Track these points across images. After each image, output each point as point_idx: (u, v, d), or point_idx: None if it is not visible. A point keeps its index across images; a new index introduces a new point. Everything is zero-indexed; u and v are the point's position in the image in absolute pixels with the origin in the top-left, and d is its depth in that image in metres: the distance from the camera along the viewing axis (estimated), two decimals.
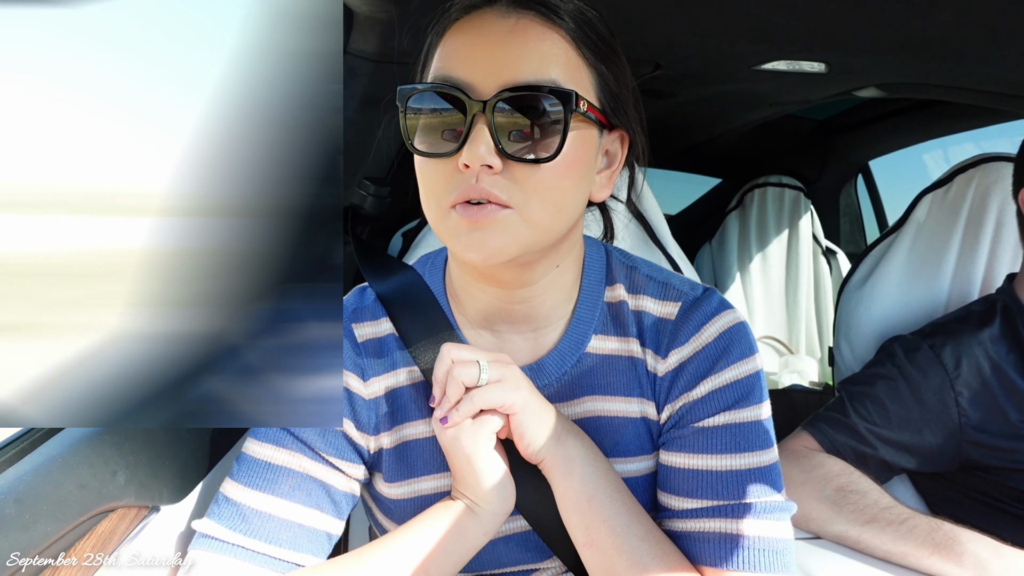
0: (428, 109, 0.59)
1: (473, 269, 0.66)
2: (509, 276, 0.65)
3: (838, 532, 0.95)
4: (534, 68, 0.57)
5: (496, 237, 0.57)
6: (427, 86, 0.59)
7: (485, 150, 0.56)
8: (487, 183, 0.57)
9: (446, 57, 0.60)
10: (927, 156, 2.54)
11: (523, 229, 0.58)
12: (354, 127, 1.06)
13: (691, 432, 0.67)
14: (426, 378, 0.69)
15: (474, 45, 0.58)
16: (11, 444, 0.68)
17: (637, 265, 0.75)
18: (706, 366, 0.67)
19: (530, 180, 0.58)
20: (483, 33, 0.58)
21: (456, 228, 0.58)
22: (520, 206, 0.58)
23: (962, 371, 1.02)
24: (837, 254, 2.53)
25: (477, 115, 0.56)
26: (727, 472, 0.65)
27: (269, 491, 0.65)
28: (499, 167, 0.57)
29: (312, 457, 0.67)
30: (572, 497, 0.65)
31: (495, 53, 0.57)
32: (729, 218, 2.57)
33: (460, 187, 0.57)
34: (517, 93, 0.56)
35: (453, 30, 0.61)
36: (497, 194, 0.57)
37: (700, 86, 1.48)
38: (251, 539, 0.64)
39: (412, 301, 0.72)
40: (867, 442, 1.04)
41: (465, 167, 0.57)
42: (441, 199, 0.59)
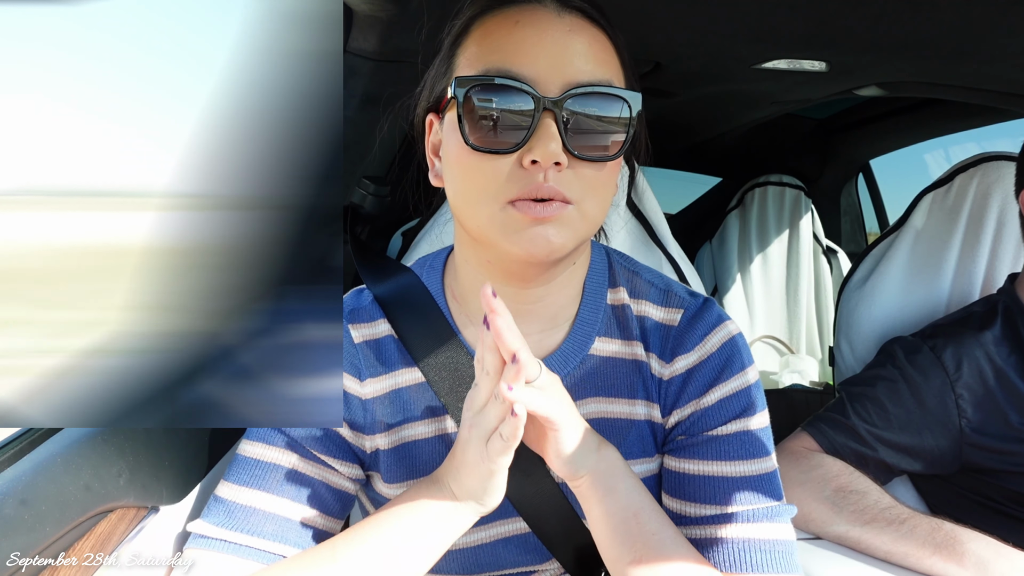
0: (489, 102, 0.57)
1: (500, 267, 0.64)
2: (539, 272, 0.64)
3: (838, 533, 0.94)
4: (593, 68, 0.58)
5: (559, 233, 0.58)
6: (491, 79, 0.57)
7: (556, 147, 0.56)
8: (554, 180, 0.57)
9: (501, 50, 0.58)
10: (928, 155, 2.54)
11: (581, 225, 0.59)
12: (354, 126, 1.06)
13: (704, 440, 0.68)
14: (427, 378, 0.69)
15: (536, 41, 0.58)
16: (11, 444, 0.68)
17: (638, 271, 0.75)
18: (714, 375, 0.68)
19: (592, 177, 0.59)
20: (544, 30, 0.58)
21: (515, 224, 0.58)
22: (579, 202, 0.58)
23: (963, 373, 1.02)
24: (838, 253, 2.53)
25: (546, 111, 0.56)
26: (741, 478, 0.66)
27: (257, 487, 0.65)
28: (566, 164, 0.57)
29: (303, 454, 0.67)
30: (618, 514, 0.62)
31: (557, 51, 0.58)
32: (729, 217, 2.57)
33: (521, 183, 0.57)
34: (586, 91, 0.57)
35: (498, 21, 0.60)
36: (563, 191, 0.57)
37: (700, 85, 1.48)
38: (238, 533, 0.64)
39: (411, 303, 0.72)
40: (867, 444, 1.03)
41: (532, 163, 0.56)
42: (498, 195, 0.58)
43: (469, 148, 0.58)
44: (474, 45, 0.60)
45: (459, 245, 0.70)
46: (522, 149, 0.57)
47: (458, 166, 0.60)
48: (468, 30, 0.62)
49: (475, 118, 0.57)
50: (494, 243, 0.60)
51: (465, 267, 0.70)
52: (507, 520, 0.70)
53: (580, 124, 0.57)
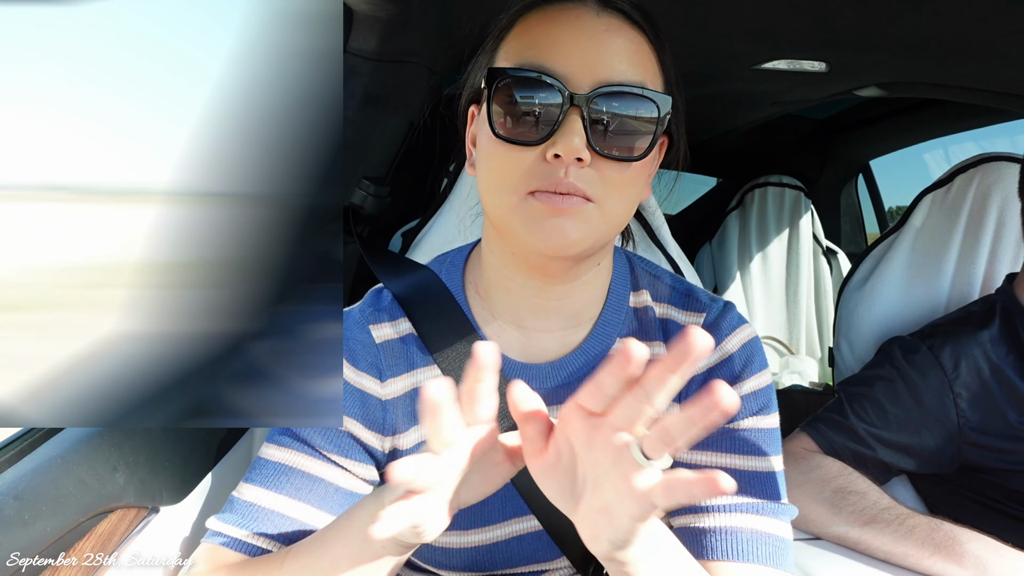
0: (518, 94, 0.58)
1: (523, 260, 0.65)
2: (562, 269, 0.65)
3: (838, 533, 0.95)
4: (626, 69, 0.58)
5: (576, 228, 0.58)
6: (521, 72, 0.58)
7: (579, 143, 0.56)
8: (575, 176, 0.57)
9: (537, 45, 0.59)
10: (927, 156, 2.54)
11: (600, 224, 0.59)
12: (354, 127, 1.05)
13: (719, 433, 0.68)
14: (446, 376, 0.69)
15: (572, 38, 0.59)
16: (11, 444, 0.68)
17: (659, 275, 0.77)
18: (733, 373, 0.69)
19: (615, 177, 0.59)
20: (580, 28, 0.59)
21: (535, 214, 0.58)
22: (601, 201, 0.58)
23: (961, 372, 1.02)
24: (837, 254, 2.53)
25: (572, 107, 0.56)
26: (751, 472, 0.67)
27: (276, 489, 0.66)
28: (588, 161, 0.57)
29: (316, 457, 0.67)
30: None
31: (592, 49, 0.58)
32: (729, 218, 2.57)
33: (544, 176, 0.57)
34: (616, 90, 0.57)
35: (539, 17, 0.61)
36: (583, 188, 0.57)
37: (700, 86, 1.48)
38: (253, 534, 0.64)
39: (431, 300, 0.72)
40: (866, 443, 1.03)
41: (555, 157, 0.57)
42: (519, 186, 0.58)
43: (496, 138, 0.59)
44: (514, 40, 0.62)
45: (486, 238, 0.71)
46: (546, 143, 0.57)
47: (486, 156, 0.61)
48: (511, 25, 0.63)
49: (503, 109, 0.58)
50: (515, 233, 0.60)
51: (491, 259, 0.70)
52: (520, 518, 0.71)
53: (606, 123, 0.57)
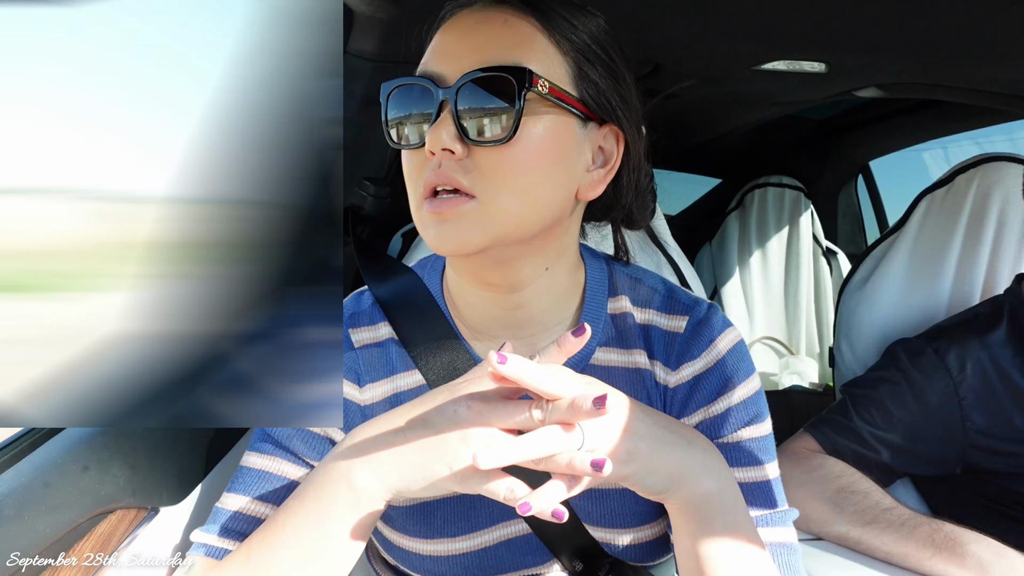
0: (403, 104, 0.60)
1: (464, 271, 0.66)
2: (495, 277, 0.64)
3: (839, 533, 0.94)
4: (498, 54, 0.57)
5: (461, 229, 0.57)
6: (398, 81, 0.60)
7: (447, 135, 0.56)
8: (449, 168, 0.57)
9: (428, 55, 0.61)
10: (927, 156, 2.54)
11: (488, 220, 0.57)
12: (354, 127, 1.05)
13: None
14: (426, 381, 0.68)
15: (451, 39, 0.60)
16: (11, 444, 0.68)
17: (641, 277, 0.75)
18: (721, 383, 0.68)
19: (494, 166, 0.57)
20: (458, 27, 0.60)
21: (426, 221, 0.59)
22: (486, 195, 0.57)
23: (967, 375, 1.01)
24: (837, 255, 2.53)
25: (443, 102, 0.57)
26: (752, 484, 0.67)
27: (258, 498, 0.65)
28: (460, 151, 0.56)
29: (299, 464, 0.67)
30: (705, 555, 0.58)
31: (463, 43, 0.58)
32: (729, 218, 2.57)
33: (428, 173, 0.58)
34: (476, 77, 0.56)
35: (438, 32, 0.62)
36: (459, 179, 0.56)
37: (700, 86, 1.48)
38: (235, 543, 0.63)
39: (412, 305, 0.71)
40: (869, 446, 1.03)
41: (431, 154, 0.57)
42: (415, 191, 0.60)
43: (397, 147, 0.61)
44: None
45: None
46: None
47: None
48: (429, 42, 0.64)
49: (395, 120, 0.61)
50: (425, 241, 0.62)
51: (449, 270, 0.72)
52: (510, 522, 0.70)
53: (474, 110, 0.57)
